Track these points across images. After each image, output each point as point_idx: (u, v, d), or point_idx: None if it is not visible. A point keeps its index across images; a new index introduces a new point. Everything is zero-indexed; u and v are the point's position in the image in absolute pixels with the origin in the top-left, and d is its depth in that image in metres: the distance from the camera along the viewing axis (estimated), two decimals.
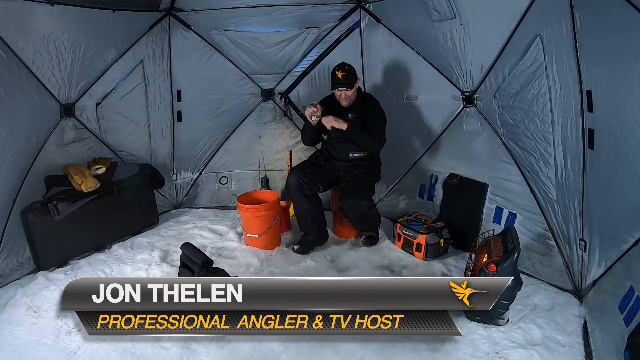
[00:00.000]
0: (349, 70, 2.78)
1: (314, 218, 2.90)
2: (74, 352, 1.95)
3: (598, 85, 1.91)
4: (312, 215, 2.89)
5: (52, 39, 2.49)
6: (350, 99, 2.84)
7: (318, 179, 2.90)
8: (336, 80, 2.76)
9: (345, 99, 2.82)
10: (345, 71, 2.77)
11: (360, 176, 2.90)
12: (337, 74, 2.76)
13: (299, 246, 2.90)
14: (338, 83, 2.76)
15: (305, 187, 2.83)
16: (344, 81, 2.75)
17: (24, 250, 2.58)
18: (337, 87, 2.78)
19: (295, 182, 2.84)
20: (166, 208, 3.63)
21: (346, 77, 2.75)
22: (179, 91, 3.44)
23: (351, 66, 2.81)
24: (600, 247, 2.10)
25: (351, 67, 2.81)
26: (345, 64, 2.81)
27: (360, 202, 2.83)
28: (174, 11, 3.17)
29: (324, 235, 2.98)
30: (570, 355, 1.89)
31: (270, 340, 2.01)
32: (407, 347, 1.97)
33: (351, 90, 2.78)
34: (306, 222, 2.92)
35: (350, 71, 2.79)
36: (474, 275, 2.10)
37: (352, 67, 2.82)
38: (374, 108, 2.88)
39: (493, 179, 2.75)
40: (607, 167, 1.96)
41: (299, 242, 2.92)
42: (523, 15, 2.22)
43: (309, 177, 2.86)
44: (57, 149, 2.84)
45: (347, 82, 2.75)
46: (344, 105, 2.85)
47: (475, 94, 2.73)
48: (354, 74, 2.81)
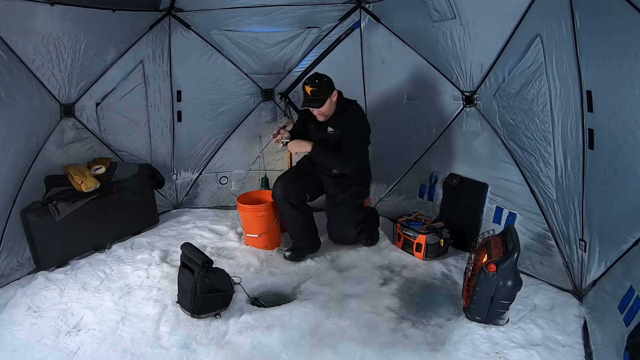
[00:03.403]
0: (319, 84, 2.52)
1: (303, 226, 2.83)
2: (74, 352, 1.95)
3: (598, 85, 1.91)
4: (301, 224, 2.82)
5: (52, 39, 2.49)
6: (326, 115, 2.62)
7: (305, 188, 2.78)
8: (305, 97, 2.54)
9: (319, 115, 2.61)
10: (315, 85, 2.51)
11: (347, 202, 2.75)
12: (306, 89, 2.52)
13: (291, 253, 2.82)
14: (306, 101, 2.55)
15: (292, 197, 2.73)
16: (313, 98, 2.51)
17: (24, 250, 2.59)
18: (304, 106, 2.58)
19: (280, 192, 2.74)
20: (166, 208, 3.63)
21: (315, 92, 2.50)
22: (179, 91, 3.44)
23: (323, 79, 2.54)
24: (600, 247, 2.10)
25: (322, 81, 2.53)
26: (317, 76, 2.56)
27: (347, 232, 2.76)
28: (174, 11, 3.17)
29: (316, 243, 2.88)
30: (570, 355, 1.89)
31: (270, 340, 2.02)
32: (407, 347, 1.97)
33: (323, 107, 2.55)
34: (295, 230, 2.84)
35: (321, 85, 2.51)
36: (473, 276, 2.10)
37: (325, 79, 2.55)
38: (351, 122, 2.63)
39: (493, 179, 2.75)
40: (607, 167, 1.96)
41: (290, 249, 2.85)
42: (523, 15, 2.22)
43: (295, 186, 2.75)
44: (57, 149, 2.84)
45: (317, 98, 2.51)
46: (320, 120, 2.66)
47: (475, 94, 2.73)
48: (327, 87, 2.53)
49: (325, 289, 2.45)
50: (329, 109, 2.59)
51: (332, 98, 2.58)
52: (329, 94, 2.54)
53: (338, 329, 2.10)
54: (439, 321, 2.17)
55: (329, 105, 2.58)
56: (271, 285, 2.58)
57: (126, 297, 2.35)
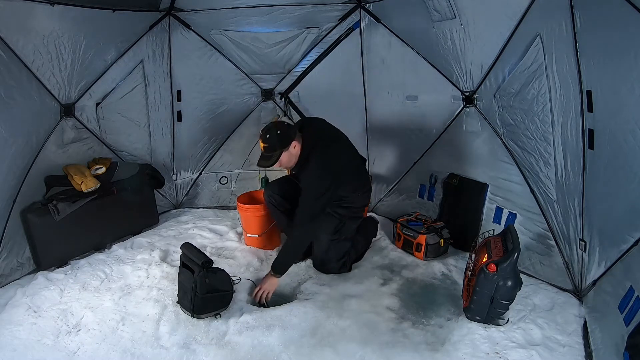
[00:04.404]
0: (270, 140, 2.25)
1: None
2: (74, 352, 1.95)
3: (598, 85, 1.91)
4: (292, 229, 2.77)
5: (52, 39, 2.49)
6: (288, 167, 2.43)
7: (293, 196, 2.59)
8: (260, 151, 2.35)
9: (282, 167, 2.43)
10: (266, 141, 2.26)
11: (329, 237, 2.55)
12: (260, 144, 2.31)
13: None
14: (259, 159, 2.36)
15: (279, 204, 2.69)
16: (265, 154, 2.31)
17: (24, 250, 2.59)
18: (258, 165, 2.38)
19: (268, 199, 2.72)
20: (166, 208, 3.63)
21: (267, 149, 2.28)
22: (179, 91, 3.44)
23: (275, 133, 2.26)
24: (600, 247, 2.10)
25: (275, 137, 2.25)
26: (268, 129, 2.30)
27: (328, 266, 2.60)
28: (174, 11, 3.18)
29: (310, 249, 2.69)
30: (570, 355, 1.89)
31: (270, 340, 2.02)
32: (407, 347, 1.97)
33: (283, 162, 2.34)
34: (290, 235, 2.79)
35: (272, 141, 2.25)
36: (473, 276, 2.10)
37: (277, 133, 2.26)
38: (307, 179, 2.38)
39: (493, 179, 2.75)
40: (607, 167, 1.96)
41: None
42: (523, 15, 2.22)
43: (283, 195, 2.68)
44: (57, 149, 2.84)
45: (269, 155, 2.29)
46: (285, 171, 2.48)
47: (475, 94, 2.73)
48: (280, 142, 2.27)
49: (325, 289, 2.45)
50: (287, 161, 2.35)
51: (291, 150, 2.32)
52: (283, 149, 2.29)
53: (338, 329, 2.10)
54: (439, 321, 2.17)
55: (287, 158, 2.34)
56: None
57: (126, 297, 2.35)
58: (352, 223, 2.65)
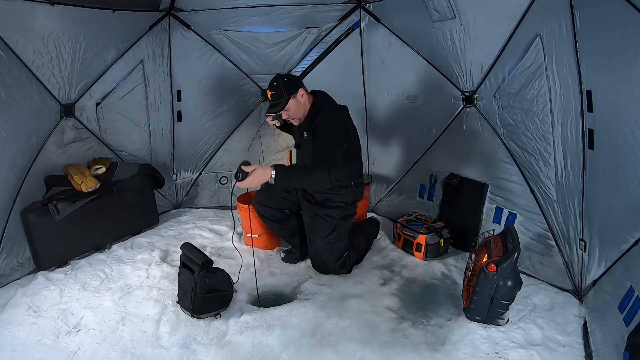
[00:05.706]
0: (277, 86, 2.28)
1: (291, 236, 2.80)
2: (74, 352, 1.95)
3: (598, 85, 1.91)
4: (287, 234, 2.80)
5: (52, 39, 2.49)
6: (296, 118, 2.39)
7: (281, 204, 2.65)
8: (268, 101, 2.32)
9: (289, 119, 2.41)
10: (273, 88, 2.28)
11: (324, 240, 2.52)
12: (268, 94, 2.30)
13: (286, 254, 2.83)
14: (269, 107, 2.34)
15: (269, 215, 2.68)
16: (273, 102, 2.30)
17: (24, 250, 2.59)
18: (267, 113, 2.36)
19: (257, 209, 2.71)
20: (166, 208, 3.63)
21: (275, 96, 2.28)
22: (179, 91, 3.44)
23: (281, 79, 2.30)
24: (600, 247, 2.10)
25: (281, 82, 2.29)
26: (275, 78, 2.32)
27: (327, 267, 2.59)
28: (174, 11, 3.17)
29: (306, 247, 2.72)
30: (570, 355, 1.89)
31: (270, 340, 2.02)
32: (407, 347, 1.97)
33: (285, 113, 2.33)
34: (285, 239, 2.85)
35: (279, 87, 2.27)
36: (473, 275, 2.10)
37: (284, 80, 2.30)
38: (320, 125, 2.31)
39: (493, 179, 2.75)
40: (607, 167, 1.96)
41: (287, 251, 2.87)
42: (523, 15, 2.22)
43: (271, 204, 2.67)
44: (57, 149, 2.84)
45: (277, 102, 2.29)
46: (295, 124, 2.47)
47: (475, 94, 2.73)
48: (287, 88, 2.28)
49: (325, 289, 2.45)
50: (295, 110, 2.34)
51: (299, 98, 2.32)
52: (290, 95, 2.29)
53: (338, 329, 2.10)
54: (439, 321, 2.17)
55: (296, 107, 2.33)
56: (271, 285, 2.58)
57: (126, 297, 2.35)
58: (345, 222, 2.61)
